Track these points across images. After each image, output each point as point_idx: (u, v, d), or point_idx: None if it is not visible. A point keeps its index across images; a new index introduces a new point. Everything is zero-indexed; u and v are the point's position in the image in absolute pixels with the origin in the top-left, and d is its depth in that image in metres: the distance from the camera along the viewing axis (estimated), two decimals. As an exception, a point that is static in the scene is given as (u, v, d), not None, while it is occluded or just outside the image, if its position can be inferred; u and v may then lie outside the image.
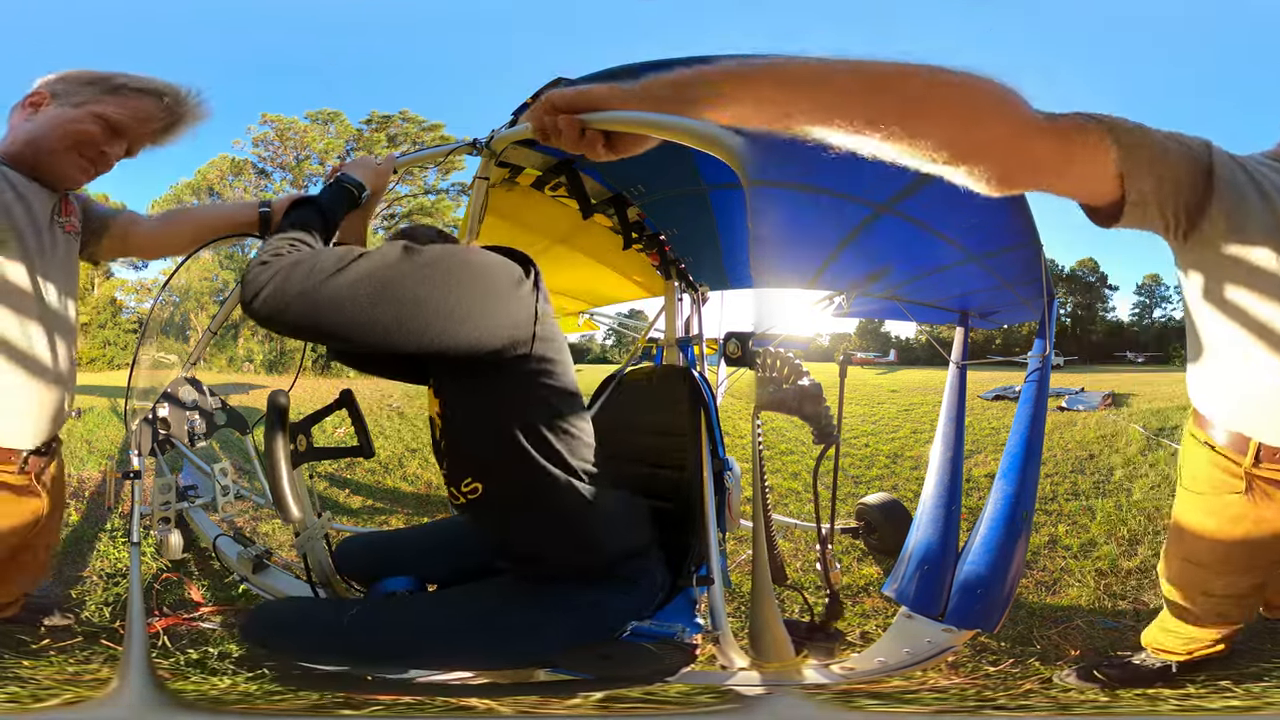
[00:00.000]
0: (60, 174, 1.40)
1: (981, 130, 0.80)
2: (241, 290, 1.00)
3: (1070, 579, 2.63)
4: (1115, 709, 1.55)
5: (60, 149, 1.37)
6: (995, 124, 0.81)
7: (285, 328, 1.00)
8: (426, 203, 24.93)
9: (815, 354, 9.51)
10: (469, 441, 1.20)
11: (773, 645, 1.28)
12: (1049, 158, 0.88)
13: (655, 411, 1.68)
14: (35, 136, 1.36)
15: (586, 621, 1.22)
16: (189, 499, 2.19)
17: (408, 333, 1.00)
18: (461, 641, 1.23)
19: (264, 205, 1.67)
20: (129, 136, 1.43)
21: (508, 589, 1.28)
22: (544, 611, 1.22)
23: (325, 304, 0.97)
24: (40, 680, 1.58)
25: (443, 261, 1.05)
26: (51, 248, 1.41)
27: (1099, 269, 37.30)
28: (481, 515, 1.25)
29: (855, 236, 2.30)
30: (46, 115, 1.37)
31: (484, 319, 1.06)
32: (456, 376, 1.17)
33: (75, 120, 1.36)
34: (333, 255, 1.01)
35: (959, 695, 1.52)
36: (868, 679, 1.45)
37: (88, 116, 1.37)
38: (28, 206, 1.35)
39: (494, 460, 1.17)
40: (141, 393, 2.18)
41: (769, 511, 1.27)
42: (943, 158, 0.79)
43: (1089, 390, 10.93)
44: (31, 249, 1.35)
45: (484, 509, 1.22)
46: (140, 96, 1.42)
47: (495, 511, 1.23)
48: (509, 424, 1.14)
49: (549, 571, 1.25)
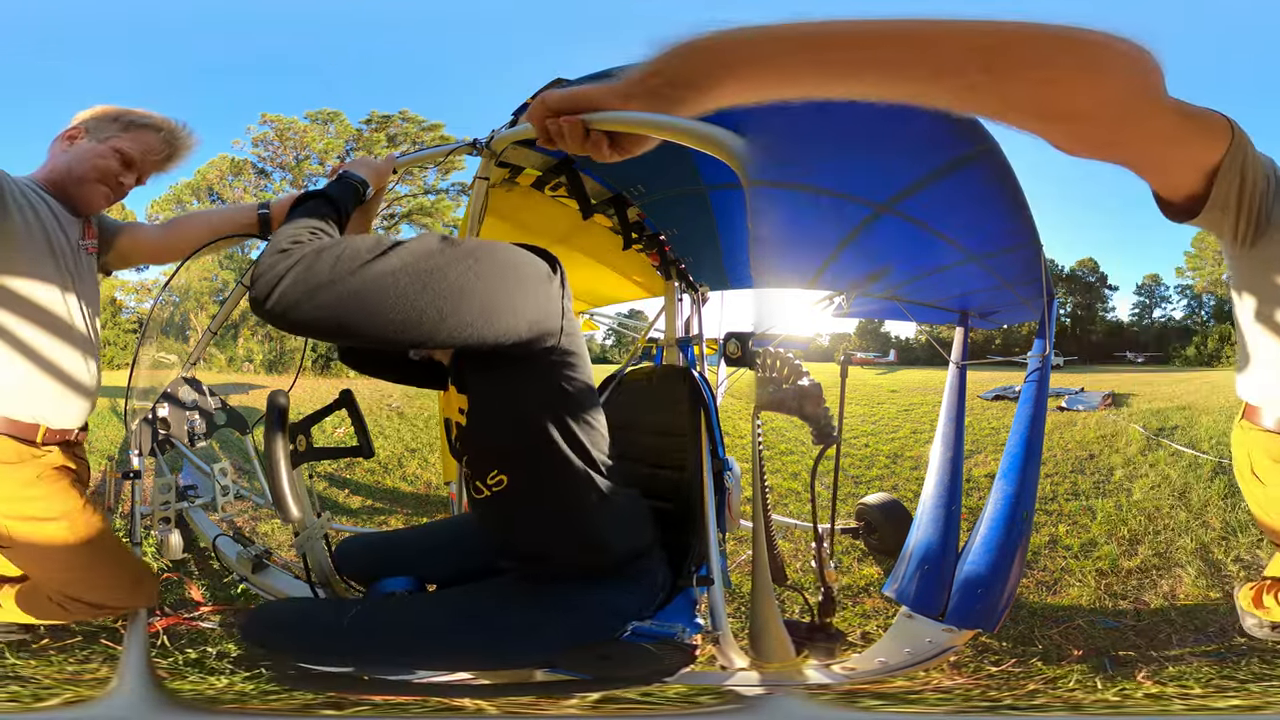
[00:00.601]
0: (87, 200, 1.59)
1: (1112, 93, 0.74)
2: (255, 282, 0.92)
3: (1071, 579, 2.63)
4: (1125, 708, 1.55)
5: (90, 179, 1.56)
6: (1128, 89, 0.75)
7: (304, 320, 0.92)
8: (426, 203, 24.91)
9: (815, 354, 9.52)
10: (496, 433, 1.18)
11: (773, 645, 1.28)
12: (1169, 134, 0.86)
13: (655, 412, 1.67)
14: (70, 166, 1.57)
15: (587, 621, 1.22)
16: (189, 499, 2.19)
17: (451, 324, 0.97)
18: (461, 641, 1.22)
19: (263, 207, 1.73)
20: (139, 168, 1.62)
21: (508, 589, 1.28)
22: (544, 611, 1.22)
23: (359, 293, 0.91)
24: (41, 679, 1.58)
25: (483, 252, 1.04)
26: (78, 269, 1.58)
27: (1099, 269, 37.24)
28: (503, 508, 1.24)
29: (855, 236, 2.30)
30: (79, 148, 1.58)
31: (521, 310, 1.06)
32: (486, 368, 1.15)
33: (100, 155, 1.56)
34: (367, 241, 0.96)
35: (964, 695, 1.52)
36: (868, 679, 1.45)
37: (109, 151, 1.57)
38: (65, 232, 1.55)
39: (521, 450, 1.17)
40: (141, 393, 2.18)
41: (769, 511, 1.26)
42: (1044, 118, 0.73)
43: (1089, 390, 10.94)
44: (69, 271, 1.54)
45: (506, 501, 1.21)
46: (145, 131, 1.61)
47: (516, 504, 1.22)
48: (537, 414, 1.14)
49: (553, 570, 1.25)
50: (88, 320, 1.60)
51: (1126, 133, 0.81)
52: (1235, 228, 1.08)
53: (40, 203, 1.52)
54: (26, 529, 1.47)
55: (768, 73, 0.72)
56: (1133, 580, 2.62)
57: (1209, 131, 0.93)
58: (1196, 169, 0.97)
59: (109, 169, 1.56)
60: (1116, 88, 0.74)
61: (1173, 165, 0.96)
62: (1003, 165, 1.82)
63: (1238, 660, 1.90)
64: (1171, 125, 0.85)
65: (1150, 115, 0.80)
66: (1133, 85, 0.75)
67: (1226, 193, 0.99)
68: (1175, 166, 0.97)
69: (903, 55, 0.69)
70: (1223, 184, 0.97)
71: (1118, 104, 0.75)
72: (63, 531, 1.49)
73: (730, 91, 0.75)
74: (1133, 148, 0.87)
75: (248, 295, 0.96)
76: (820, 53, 0.71)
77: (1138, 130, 0.82)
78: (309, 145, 25.26)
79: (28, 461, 1.47)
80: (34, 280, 1.47)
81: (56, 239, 1.52)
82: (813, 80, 0.72)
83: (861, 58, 0.71)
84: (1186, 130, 0.89)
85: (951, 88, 0.70)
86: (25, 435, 1.48)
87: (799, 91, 0.73)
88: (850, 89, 0.71)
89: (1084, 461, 5.28)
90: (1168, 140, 0.88)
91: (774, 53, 0.72)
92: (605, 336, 28.37)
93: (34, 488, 1.47)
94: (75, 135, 1.58)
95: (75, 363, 1.56)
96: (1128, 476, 4.59)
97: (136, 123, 1.60)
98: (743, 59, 0.72)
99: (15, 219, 1.44)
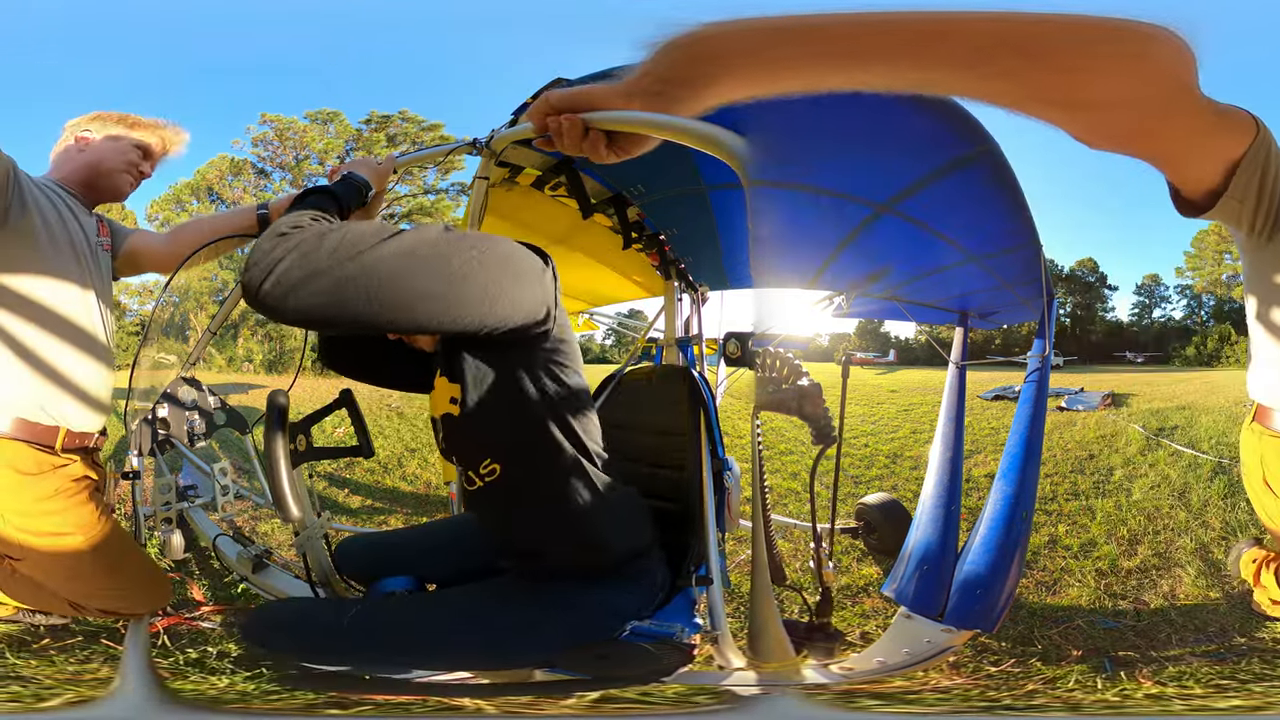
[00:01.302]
0: (117, 188, 1.74)
1: (1153, 82, 0.73)
2: (249, 269, 0.90)
3: (1070, 579, 2.63)
4: (1125, 708, 1.55)
5: (119, 169, 1.73)
6: (1169, 78, 0.74)
7: (300, 306, 0.90)
8: (426, 203, 24.90)
9: (815, 354, 9.52)
10: (489, 421, 1.18)
11: (771, 645, 1.28)
12: (1200, 126, 0.86)
13: (655, 411, 1.68)
14: (95, 162, 1.71)
15: (586, 621, 1.22)
16: (189, 499, 2.19)
17: (454, 307, 0.98)
18: (460, 641, 1.22)
19: (262, 207, 1.75)
20: (154, 158, 1.82)
21: (507, 588, 1.28)
22: (543, 610, 1.22)
23: (361, 276, 0.90)
24: (42, 680, 1.58)
25: (483, 242, 1.06)
26: (97, 268, 1.64)
27: (1098, 269, 37.22)
28: (495, 500, 1.24)
29: (855, 237, 2.30)
30: (100, 145, 1.73)
31: (519, 298, 1.08)
32: (481, 354, 1.15)
33: (123, 149, 1.74)
34: (370, 227, 0.95)
35: (963, 695, 1.52)
36: (867, 679, 1.45)
37: (129, 146, 1.75)
38: (83, 226, 1.63)
39: (514, 438, 1.18)
40: (141, 393, 2.18)
41: (768, 511, 1.26)
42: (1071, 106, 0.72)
43: (1088, 390, 10.92)
44: (89, 266, 1.59)
45: (499, 493, 1.21)
46: (148, 127, 1.80)
47: (509, 496, 1.22)
48: (531, 401, 1.15)
49: (551, 568, 1.25)
50: (105, 320, 1.62)
51: (1160, 123, 0.80)
52: (1253, 220, 1.08)
53: (59, 200, 1.57)
54: (41, 543, 1.46)
55: (764, 66, 0.72)
56: (1132, 580, 2.62)
57: (1235, 125, 0.93)
58: (1220, 162, 0.97)
59: (133, 160, 1.75)
60: (1158, 77, 0.73)
61: (1198, 158, 0.96)
62: (1002, 165, 1.82)
63: (1238, 660, 1.90)
64: (1203, 118, 0.85)
65: (1185, 107, 0.79)
66: (1173, 75, 0.74)
67: (1246, 185, 0.99)
68: (1200, 159, 0.97)
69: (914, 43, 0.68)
70: (1243, 176, 0.98)
71: (1157, 93, 0.74)
72: (79, 545, 1.49)
73: (727, 87, 0.74)
74: (1163, 139, 0.86)
75: (241, 282, 0.94)
76: (820, 44, 0.70)
77: (1171, 121, 0.81)
78: (309, 145, 25.25)
79: (47, 474, 1.47)
80: (56, 278, 1.49)
81: (77, 235, 1.57)
82: (812, 71, 0.71)
83: (865, 47, 0.70)
84: (1215, 123, 0.89)
85: (972, 75, 0.69)
86: (44, 440, 1.47)
87: (798, 84, 0.72)
88: (852, 78, 0.70)
89: (1084, 461, 5.28)
90: (1198, 132, 0.88)
91: (770, 45, 0.71)
92: (605, 336, 28.37)
93: (51, 502, 1.47)
94: (87, 138, 1.73)
95: (95, 363, 1.57)
96: (1127, 476, 4.59)
97: (141, 122, 1.78)
98: (737, 53, 0.72)
99: (35, 217, 1.46)
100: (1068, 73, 0.69)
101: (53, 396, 1.48)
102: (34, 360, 1.46)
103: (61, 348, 1.50)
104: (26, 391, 1.45)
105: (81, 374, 1.54)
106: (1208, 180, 0.99)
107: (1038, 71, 0.69)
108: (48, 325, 1.48)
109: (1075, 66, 0.69)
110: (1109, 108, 0.74)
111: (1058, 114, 0.73)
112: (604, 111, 0.83)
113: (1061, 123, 0.75)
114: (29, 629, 1.83)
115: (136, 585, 1.67)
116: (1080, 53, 0.69)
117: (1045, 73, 0.69)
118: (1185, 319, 34.63)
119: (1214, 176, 0.98)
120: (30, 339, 1.45)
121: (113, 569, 1.59)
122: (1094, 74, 0.70)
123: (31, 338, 1.46)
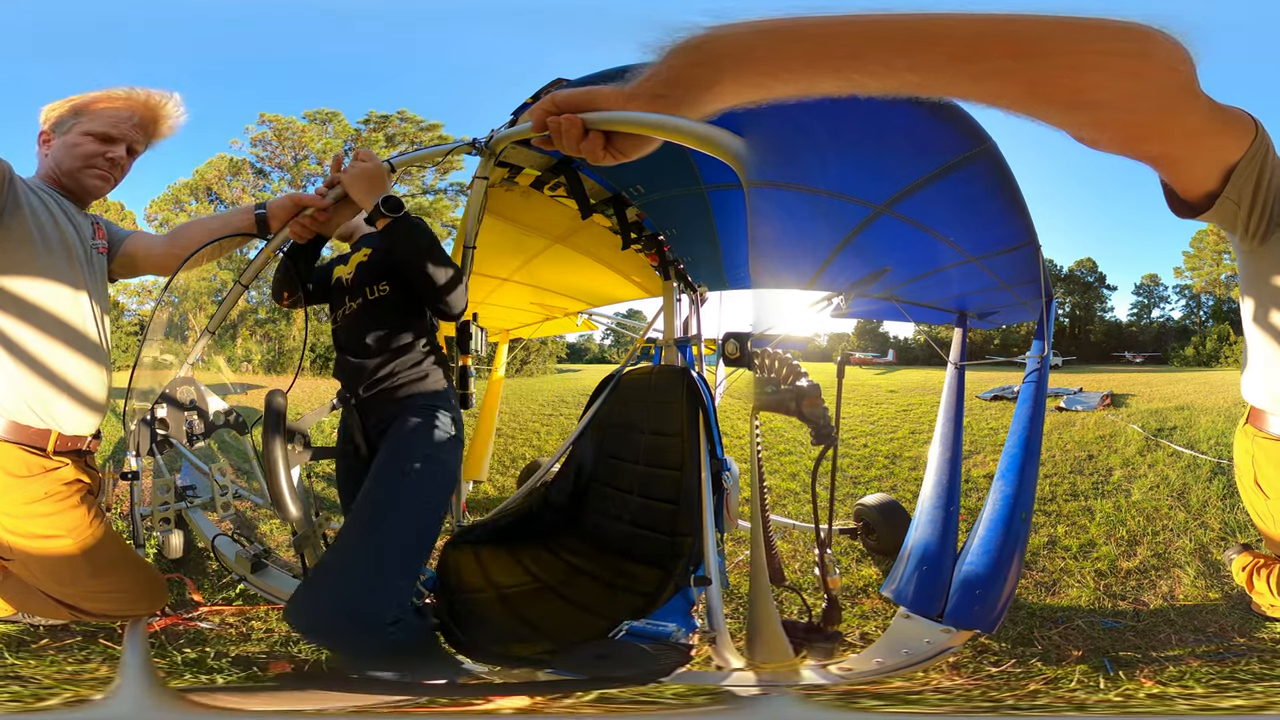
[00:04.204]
0: (85, 188, 1.62)
1: (1155, 82, 0.73)
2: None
3: (1070, 579, 2.63)
4: (1129, 708, 1.54)
5: (77, 169, 1.59)
6: (1170, 79, 0.74)
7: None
8: (425, 203, 24.91)
9: (814, 354, 9.50)
10: (395, 258, 1.56)
11: (770, 646, 1.28)
12: (1201, 127, 0.86)
13: (654, 412, 1.68)
14: (56, 163, 1.61)
15: None
16: (187, 499, 2.19)
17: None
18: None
19: (260, 208, 1.73)
20: (121, 139, 1.62)
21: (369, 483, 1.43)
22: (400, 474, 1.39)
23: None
24: (41, 679, 1.57)
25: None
26: (91, 269, 1.61)
27: (1097, 269, 37.25)
28: (376, 314, 1.56)
29: (854, 237, 2.30)
30: (55, 145, 1.61)
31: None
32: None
33: (73, 144, 1.59)
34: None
35: (965, 695, 1.51)
36: (865, 680, 1.45)
37: (78, 138, 1.59)
38: (77, 228, 1.58)
39: (408, 280, 1.54)
40: (140, 394, 2.17)
41: (767, 512, 1.26)
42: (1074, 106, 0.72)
43: (1087, 390, 10.94)
44: (83, 268, 1.56)
45: (381, 307, 1.56)
46: (111, 103, 1.62)
47: (388, 312, 1.55)
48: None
49: (398, 401, 1.49)
50: (99, 322, 1.60)
51: (1159, 123, 0.80)
52: (1247, 222, 1.08)
53: (51, 201, 1.54)
54: (30, 545, 1.46)
55: (764, 70, 0.72)
56: (1132, 581, 2.62)
57: (1235, 127, 0.93)
58: (1219, 164, 0.97)
59: (88, 152, 1.59)
60: (1160, 77, 0.73)
61: (1198, 160, 0.96)
62: (1001, 166, 1.82)
63: (1237, 660, 1.90)
64: (1204, 119, 0.85)
65: (1186, 108, 0.80)
66: (1174, 76, 0.75)
67: (1243, 186, 0.99)
68: (1200, 161, 0.97)
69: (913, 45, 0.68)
70: (1240, 177, 0.98)
71: (1156, 93, 0.75)
72: (68, 548, 1.48)
73: (729, 91, 0.74)
74: (1164, 140, 0.86)
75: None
76: (819, 48, 0.70)
77: (1172, 122, 0.81)
78: (307, 145, 25.25)
79: (36, 477, 1.46)
80: (49, 281, 1.47)
81: (71, 238, 1.55)
82: (812, 76, 0.71)
83: (862, 51, 0.70)
84: (1216, 125, 0.89)
85: (968, 76, 0.69)
86: (36, 443, 1.46)
87: (798, 89, 0.72)
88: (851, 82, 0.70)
89: (1083, 462, 5.28)
90: (1198, 133, 0.88)
91: (769, 49, 0.71)
92: (604, 336, 28.34)
93: (41, 505, 1.46)
94: (47, 137, 1.62)
95: (88, 366, 1.55)
96: (1126, 477, 4.59)
97: (93, 102, 1.62)
98: (737, 58, 0.72)
99: (27, 214, 1.44)
100: (1067, 73, 0.69)
101: (45, 399, 1.47)
102: (26, 363, 1.44)
103: (54, 350, 1.48)
104: (18, 394, 1.44)
105: (75, 377, 1.52)
106: (1205, 181, 0.99)
107: (1036, 71, 0.69)
108: (40, 328, 1.46)
109: (1075, 66, 0.69)
110: (1109, 108, 0.74)
111: (1058, 114, 0.73)
112: (603, 112, 0.83)
113: (1061, 123, 0.75)
114: (28, 629, 1.83)
115: (130, 588, 1.66)
116: (1080, 53, 0.69)
117: (1044, 73, 0.69)
118: (1184, 319, 34.70)
119: (1213, 179, 0.98)
120: (22, 341, 1.44)
121: (103, 572, 1.58)
122: (1094, 74, 0.70)
123: (24, 340, 1.44)
